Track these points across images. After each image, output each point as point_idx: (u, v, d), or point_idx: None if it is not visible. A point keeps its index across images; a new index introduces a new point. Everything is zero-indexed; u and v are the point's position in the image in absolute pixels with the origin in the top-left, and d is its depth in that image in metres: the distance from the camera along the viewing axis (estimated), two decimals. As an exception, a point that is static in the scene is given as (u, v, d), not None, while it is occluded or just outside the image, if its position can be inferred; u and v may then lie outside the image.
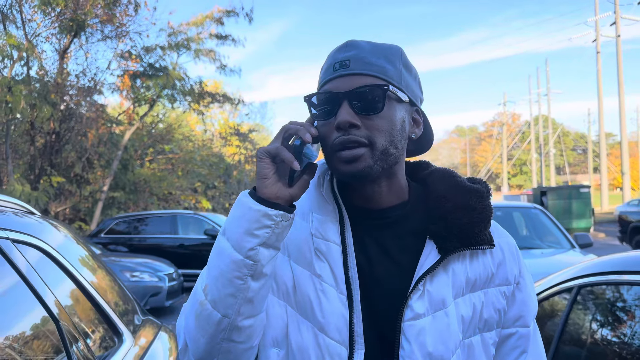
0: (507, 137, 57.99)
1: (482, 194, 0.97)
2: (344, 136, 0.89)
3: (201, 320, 0.87)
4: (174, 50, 14.92)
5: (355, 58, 0.92)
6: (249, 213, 0.85)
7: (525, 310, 0.99)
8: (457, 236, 0.93)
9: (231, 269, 0.84)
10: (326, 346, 0.90)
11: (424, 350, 0.89)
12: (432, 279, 0.92)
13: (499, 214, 6.63)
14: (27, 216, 1.28)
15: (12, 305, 1.08)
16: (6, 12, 11.26)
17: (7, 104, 10.17)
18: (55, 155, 13.43)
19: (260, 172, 0.87)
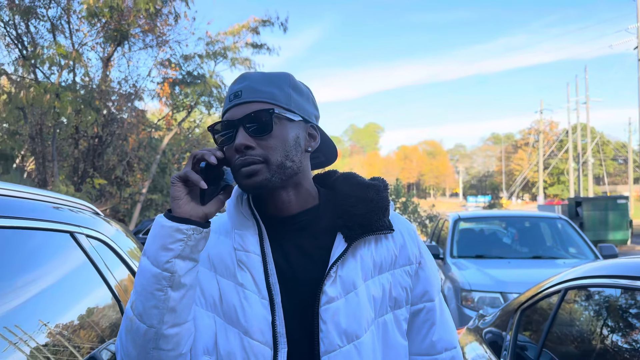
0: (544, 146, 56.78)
1: (378, 188, 1.11)
2: (241, 157, 1.00)
3: (131, 334, 0.95)
4: (211, 59, 15.41)
5: (246, 88, 1.03)
6: (162, 230, 0.93)
7: (428, 286, 1.12)
8: (359, 224, 1.05)
9: (151, 282, 0.92)
10: (251, 348, 0.98)
11: (340, 329, 1.00)
12: (342, 265, 1.03)
13: (527, 225, 6.72)
14: (94, 216, 1.57)
15: (84, 284, 1.36)
16: (56, 23, 11.95)
17: (55, 110, 10.78)
18: (97, 159, 14.06)
19: (173, 194, 0.96)
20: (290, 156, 1.03)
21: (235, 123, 1.01)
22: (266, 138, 1.01)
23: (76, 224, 1.38)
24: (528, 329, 2.04)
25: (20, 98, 10.06)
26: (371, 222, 1.06)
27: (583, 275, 1.73)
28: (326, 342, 0.99)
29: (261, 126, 1.00)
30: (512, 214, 7.75)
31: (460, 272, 5.37)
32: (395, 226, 1.10)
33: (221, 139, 1.03)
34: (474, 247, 6.17)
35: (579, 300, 1.74)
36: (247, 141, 0.99)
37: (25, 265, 1.11)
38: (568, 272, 1.87)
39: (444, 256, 6.08)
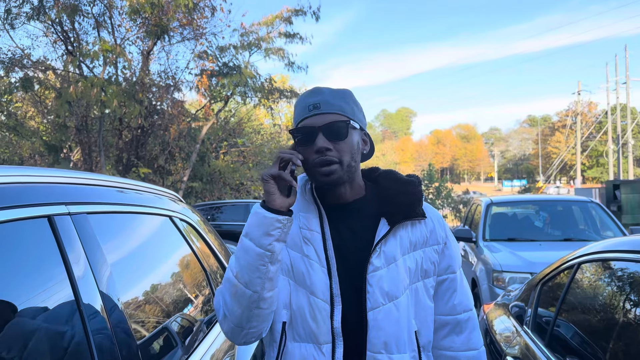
0: (583, 127, 55.28)
1: (415, 184, 1.39)
2: (321, 157, 1.26)
3: (237, 297, 1.21)
4: (246, 49, 15.77)
5: (322, 102, 1.29)
6: (264, 220, 1.18)
7: (452, 261, 1.40)
8: (401, 212, 1.33)
9: (256, 259, 1.18)
10: (315, 304, 1.27)
11: (383, 291, 1.28)
12: (385, 243, 1.31)
13: (558, 209, 6.87)
14: (179, 202, 1.93)
15: (181, 254, 1.73)
16: (99, 20, 12.51)
17: (102, 103, 11.36)
18: (140, 148, 14.69)
19: (268, 190, 1.20)
20: (355, 157, 1.31)
21: (316, 129, 1.27)
22: (340, 143, 1.28)
23: (172, 209, 1.73)
24: (546, 301, 2.31)
25: (70, 92, 10.64)
26: (409, 210, 1.33)
27: (594, 250, 1.99)
28: (372, 301, 1.27)
29: (339, 133, 1.28)
30: (543, 198, 7.89)
31: (492, 254, 5.60)
32: (427, 214, 1.38)
33: (300, 142, 1.28)
34: (505, 231, 6.37)
35: (590, 274, 2.01)
36: (326, 144, 1.26)
37: (153, 242, 1.48)
38: (582, 248, 2.13)
39: (476, 239, 6.30)
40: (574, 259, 2.13)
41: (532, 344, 2.17)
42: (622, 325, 1.66)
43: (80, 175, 1.22)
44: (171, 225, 1.67)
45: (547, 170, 71.81)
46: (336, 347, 1.26)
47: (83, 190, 1.15)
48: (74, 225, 1.03)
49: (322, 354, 1.26)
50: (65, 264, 0.96)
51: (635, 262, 1.70)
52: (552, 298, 2.22)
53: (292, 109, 26.31)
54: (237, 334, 1.25)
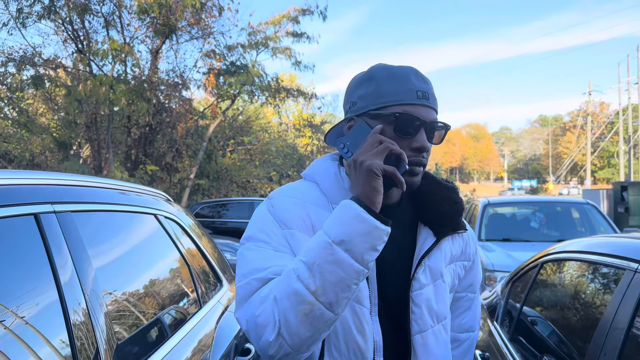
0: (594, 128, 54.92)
1: (457, 191, 1.22)
2: (418, 157, 1.07)
3: (311, 318, 0.92)
4: (253, 49, 15.94)
5: (431, 93, 1.09)
6: (374, 232, 0.92)
7: (475, 280, 1.29)
8: (449, 223, 1.16)
9: (352, 277, 0.92)
10: (362, 313, 1.05)
11: (432, 311, 1.11)
12: (430, 257, 1.14)
13: (554, 210, 6.96)
14: (168, 202, 2.08)
15: (166, 253, 1.87)
16: (109, 19, 12.73)
17: (110, 101, 11.59)
18: (148, 146, 14.92)
19: (376, 188, 0.95)
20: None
21: (425, 124, 1.06)
22: (430, 148, 1.11)
23: (157, 207, 1.88)
24: (515, 295, 2.43)
25: (79, 90, 10.87)
26: (457, 221, 1.18)
27: (556, 251, 2.12)
28: (420, 323, 1.10)
29: (438, 137, 1.11)
30: (539, 199, 7.97)
31: (485, 254, 5.71)
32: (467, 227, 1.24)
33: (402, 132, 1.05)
34: (501, 231, 6.48)
35: (551, 271, 2.13)
36: (428, 145, 1.07)
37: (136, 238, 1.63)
38: (547, 249, 2.25)
39: (472, 239, 6.41)
40: (539, 259, 2.26)
41: (497, 336, 2.30)
42: (575, 316, 1.79)
43: (66, 177, 1.36)
44: (156, 222, 1.83)
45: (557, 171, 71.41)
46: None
47: (68, 191, 1.29)
48: (59, 223, 1.18)
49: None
50: (49, 258, 1.11)
51: (584, 261, 1.83)
52: (520, 292, 2.35)
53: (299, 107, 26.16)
54: (291, 358, 0.97)
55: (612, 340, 1.35)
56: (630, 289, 1.37)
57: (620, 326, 1.34)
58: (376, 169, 0.94)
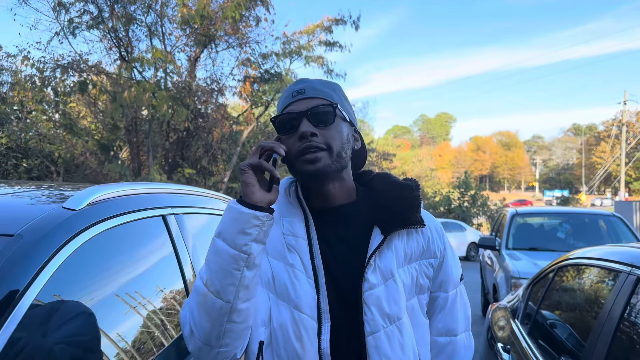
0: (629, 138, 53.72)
1: (411, 187, 1.21)
2: (306, 143, 1.10)
3: (206, 308, 1.02)
4: (287, 57, 16.43)
5: (308, 87, 1.16)
6: (240, 216, 1.01)
7: (446, 278, 1.24)
8: (395, 219, 1.16)
9: (230, 262, 1.00)
10: (300, 320, 1.08)
11: (383, 312, 1.11)
12: (380, 256, 1.14)
13: (581, 221, 7.15)
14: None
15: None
16: (152, 29, 13.40)
17: (153, 107, 12.21)
18: (185, 150, 15.54)
19: (246, 181, 1.04)
20: (345, 148, 1.16)
21: (300, 114, 1.12)
22: (328, 128, 1.13)
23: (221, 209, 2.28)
24: (534, 298, 2.74)
25: (125, 97, 11.50)
26: (405, 217, 1.17)
27: (572, 257, 2.42)
28: (372, 324, 1.10)
29: (325, 117, 1.13)
30: (567, 210, 8.13)
31: (512, 262, 5.96)
32: (425, 222, 1.21)
33: (282, 129, 1.15)
34: (528, 240, 6.70)
35: (566, 276, 2.44)
36: (312, 129, 1.11)
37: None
38: (562, 255, 2.56)
39: (499, 248, 6.66)
40: (556, 264, 2.56)
41: (517, 332, 2.61)
42: (582, 313, 2.10)
43: (176, 187, 1.77)
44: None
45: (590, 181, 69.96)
46: None
47: (179, 198, 1.69)
48: (176, 222, 1.57)
49: None
50: (173, 245, 1.50)
51: (591, 266, 2.14)
52: (538, 295, 2.66)
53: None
54: (206, 353, 1.06)
55: (606, 332, 1.66)
56: (624, 288, 1.69)
57: (614, 317, 1.65)
58: (243, 167, 1.05)
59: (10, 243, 0.95)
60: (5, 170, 15.10)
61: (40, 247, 0.97)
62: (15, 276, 0.89)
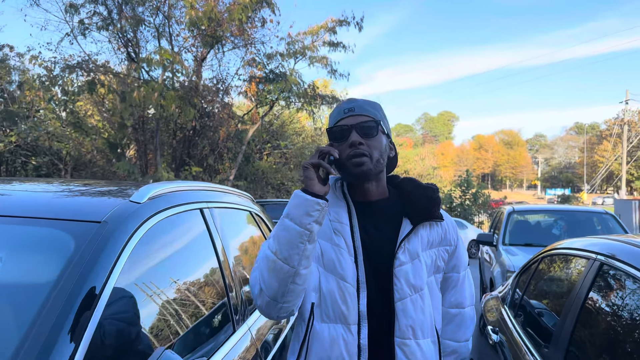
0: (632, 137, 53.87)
1: (434, 190, 1.53)
2: (354, 150, 1.39)
3: (275, 272, 1.28)
4: (292, 57, 16.69)
5: (357, 106, 1.45)
6: (306, 202, 1.28)
7: (458, 262, 1.56)
8: (422, 214, 1.46)
9: (296, 237, 1.26)
10: (345, 288, 1.38)
11: (409, 283, 1.41)
12: (409, 240, 1.43)
13: (575, 218, 7.43)
14: (252, 202, 2.76)
15: (258, 239, 2.56)
16: (160, 31, 13.69)
17: (161, 107, 12.50)
18: (192, 148, 15.85)
19: (309, 176, 1.31)
20: (383, 156, 1.45)
21: (350, 127, 1.42)
22: (372, 140, 1.42)
23: (249, 206, 2.58)
24: (520, 286, 3.03)
25: (134, 97, 11.80)
26: (429, 212, 1.47)
27: (555, 247, 2.71)
28: (400, 292, 1.40)
29: (370, 131, 1.42)
30: (561, 208, 8.42)
31: (508, 257, 6.25)
32: (444, 217, 1.53)
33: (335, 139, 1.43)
34: (524, 237, 6.98)
35: (549, 264, 2.73)
36: (359, 139, 1.40)
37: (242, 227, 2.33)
38: (546, 247, 2.84)
39: (497, 244, 6.94)
40: (540, 255, 2.85)
41: (505, 315, 2.91)
42: (559, 297, 2.38)
43: (207, 185, 2.07)
44: (251, 217, 2.52)
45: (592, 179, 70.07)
46: (362, 328, 1.37)
47: (212, 194, 1.99)
48: (211, 214, 1.87)
49: (351, 334, 1.36)
50: (210, 235, 1.80)
51: (569, 255, 2.43)
52: (524, 283, 2.95)
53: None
54: (272, 307, 1.31)
55: (574, 310, 1.95)
56: (590, 272, 1.98)
57: (581, 297, 1.95)
58: (306, 164, 1.33)
59: (100, 228, 1.25)
60: (14, 168, 15.43)
61: (121, 232, 1.26)
62: (107, 254, 1.18)
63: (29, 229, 1.24)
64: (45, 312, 0.99)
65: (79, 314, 1.02)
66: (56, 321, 0.98)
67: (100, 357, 1.06)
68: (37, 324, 0.97)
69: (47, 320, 0.98)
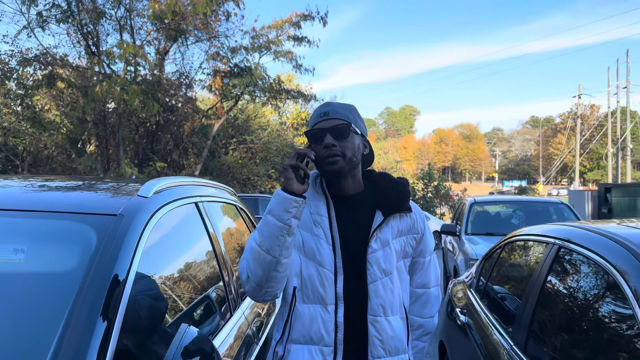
0: (584, 130, 56.10)
1: (404, 184, 1.68)
2: (328, 151, 1.54)
3: (259, 261, 1.44)
4: (256, 51, 16.69)
5: (331, 110, 1.59)
6: (285, 200, 1.43)
7: (424, 248, 1.73)
8: (393, 206, 1.63)
9: (276, 231, 1.43)
10: (323, 273, 1.54)
11: (380, 268, 1.58)
12: (381, 230, 1.60)
13: (532, 208, 7.82)
14: (234, 195, 2.88)
15: (244, 229, 2.68)
16: (122, 24, 13.46)
17: (124, 102, 12.33)
18: (155, 143, 15.68)
19: (287, 177, 1.45)
20: (355, 154, 1.60)
21: (325, 130, 1.57)
22: (344, 141, 1.57)
23: (232, 199, 2.70)
24: (484, 271, 3.26)
25: (97, 91, 11.60)
26: (399, 205, 1.64)
27: (516, 234, 2.94)
28: (372, 276, 1.57)
29: (342, 133, 1.57)
30: (520, 199, 8.83)
31: (470, 246, 6.55)
32: (413, 209, 1.70)
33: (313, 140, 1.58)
34: (485, 226, 7.31)
35: (510, 251, 2.96)
36: (332, 141, 1.55)
37: (231, 218, 2.46)
38: (508, 235, 3.08)
39: (459, 233, 7.24)
40: (503, 241, 3.08)
41: (472, 298, 3.13)
42: (520, 281, 2.61)
43: (200, 181, 2.19)
44: (235, 210, 2.65)
45: (547, 172, 72.65)
46: (338, 307, 1.54)
47: (203, 188, 2.11)
48: (204, 207, 1.99)
49: (328, 313, 1.54)
50: (205, 227, 1.93)
51: (529, 241, 2.66)
52: (488, 269, 3.18)
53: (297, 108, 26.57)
54: (258, 292, 1.49)
55: (535, 291, 2.17)
56: (549, 256, 2.20)
57: (541, 278, 2.16)
58: (285, 166, 1.48)
59: (118, 220, 1.36)
60: (-33, 164, 14.88)
61: (137, 223, 1.37)
62: (128, 242, 1.29)
63: (53, 222, 1.35)
64: (83, 294, 1.11)
65: (111, 294, 1.14)
66: (94, 302, 1.10)
67: (139, 328, 1.20)
68: (78, 303, 1.09)
69: (86, 301, 1.10)
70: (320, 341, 1.53)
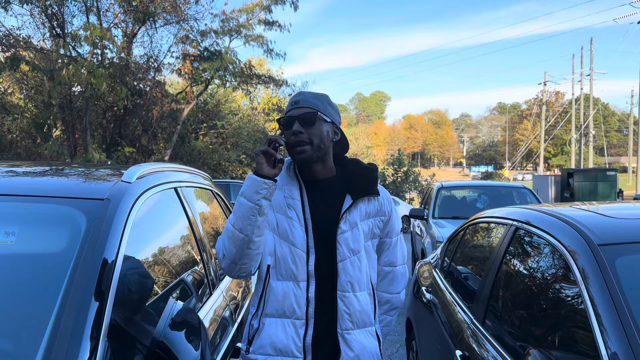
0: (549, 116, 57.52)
1: (372, 170, 1.78)
2: (295, 138, 1.63)
3: (233, 240, 1.55)
4: (227, 35, 16.54)
5: (302, 99, 1.69)
6: (255, 182, 1.53)
7: (391, 229, 1.83)
8: (361, 190, 1.73)
9: (247, 211, 1.53)
10: (296, 252, 1.64)
11: (349, 247, 1.68)
12: (349, 213, 1.71)
13: (497, 193, 8.11)
14: (206, 179, 2.96)
15: (221, 214, 2.78)
16: (89, 5, 13.14)
17: (92, 86, 12.10)
18: (124, 128, 15.45)
19: (259, 161, 1.55)
20: (324, 141, 1.68)
21: (294, 118, 1.66)
22: (311, 129, 1.65)
23: (208, 184, 2.79)
24: (448, 252, 3.44)
25: (63, 75, 11.36)
26: (367, 189, 1.74)
27: (478, 217, 3.12)
28: (342, 255, 1.68)
29: (309, 121, 1.65)
30: (485, 184, 9.14)
31: (437, 229, 6.78)
32: (380, 193, 1.79)
33: (283, 127, 1.69)
34: (451, 210, 7.56)
35: (472, 232, 3.14)
36: (300, 129, 1.64)
37: (207, 203, 2.55)
38: (471, 217, 3.26)
39: (427, 217, 7.47)
40: (466, 224, 3.26)
41: (437, 277, 3.32)
42: (480, 260, 2.79)
43: (179, 167, 2.27)
44: (212, 195, 2.74)
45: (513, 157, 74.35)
46: (310, 284, 1.65)
47: (181, 174, 2.20)
48: (183, 192, 2.08)
49: (300, 289, 1.64)
50: (184, 209, 2.02)
51: (496, 223, 2.83)
52: (452, 249, 3.36)
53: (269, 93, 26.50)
54: (232, 268, 1.61)
55: (494, 269, 2.34)
56: (506, 236, 2.37)
57: (499, 257, 2.33)
58: (256, 151, 1.59)
59: (105, 204, 1.44)
60: None
61: (123, 207, 1.45)
62: (115, 225, 1.37)
63: (42, 206, 1.42)
64: (78, 274, 1.20)
65: (102, 272, 1.23)
66: (89, 280, 1.19)
67: (130, 301, 1.29)
68: (73, 282, 1.18)
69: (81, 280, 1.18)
70: (292, 315, 1.63)
